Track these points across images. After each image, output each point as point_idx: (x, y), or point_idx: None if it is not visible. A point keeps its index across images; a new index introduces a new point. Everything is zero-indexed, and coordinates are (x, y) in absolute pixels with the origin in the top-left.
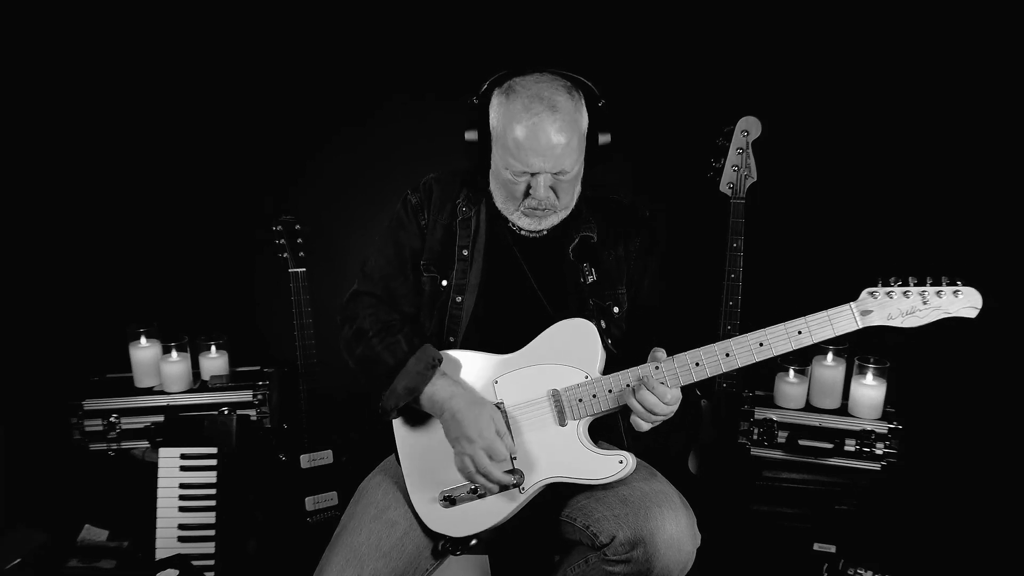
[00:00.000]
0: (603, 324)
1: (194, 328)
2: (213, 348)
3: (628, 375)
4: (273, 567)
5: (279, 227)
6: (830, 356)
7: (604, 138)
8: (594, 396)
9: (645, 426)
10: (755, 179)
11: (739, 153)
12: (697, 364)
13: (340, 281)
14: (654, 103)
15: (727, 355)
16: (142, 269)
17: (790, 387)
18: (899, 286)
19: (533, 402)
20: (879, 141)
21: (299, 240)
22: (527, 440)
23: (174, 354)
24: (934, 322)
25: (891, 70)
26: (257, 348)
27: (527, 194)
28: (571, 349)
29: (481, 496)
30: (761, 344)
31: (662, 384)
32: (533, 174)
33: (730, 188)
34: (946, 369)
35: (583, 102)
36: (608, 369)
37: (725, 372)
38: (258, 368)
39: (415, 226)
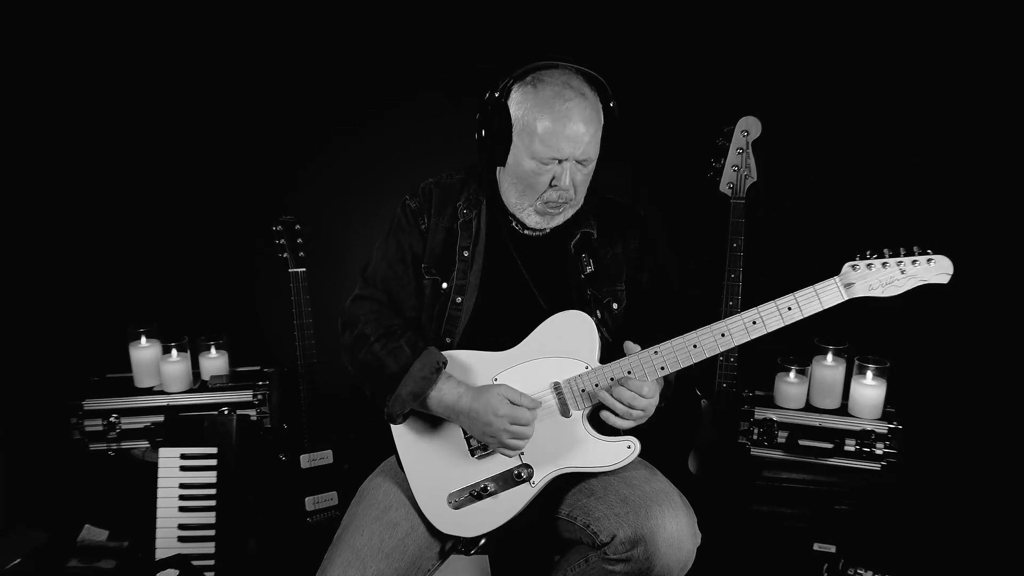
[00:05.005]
0: (599, 315)
1: (194, 328)
2: (213, 348)
3: (629, 361)
4: (273, 567)
5: (279, 227)
6: (830, 356)
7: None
8: (596, 385)
9: (624, 424)
10: (755, 179)
11: (739, 153)
12: (695, 346)
13: (340, 281)
14: (654, 103)
15: (723, 335)
16: (142, 269)
17: (790, 387)
18: (877, 258)
19: (535, 395)
20: (879, 141)
21: (299, 240)
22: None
23: (174, 354)
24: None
25: (891, 70)
26: (257, 348)
27: (550, 185)
28: (569, 341)
29: (492, 495)
30: (755, 322)
31: (632, 377)
32: (561, 161)
33: (730, 188)
34: (946, 369)
35: (599, 99)
36: (604, 358)
37: (722, 351)
38: (258, 368)
39: (416, 230)
